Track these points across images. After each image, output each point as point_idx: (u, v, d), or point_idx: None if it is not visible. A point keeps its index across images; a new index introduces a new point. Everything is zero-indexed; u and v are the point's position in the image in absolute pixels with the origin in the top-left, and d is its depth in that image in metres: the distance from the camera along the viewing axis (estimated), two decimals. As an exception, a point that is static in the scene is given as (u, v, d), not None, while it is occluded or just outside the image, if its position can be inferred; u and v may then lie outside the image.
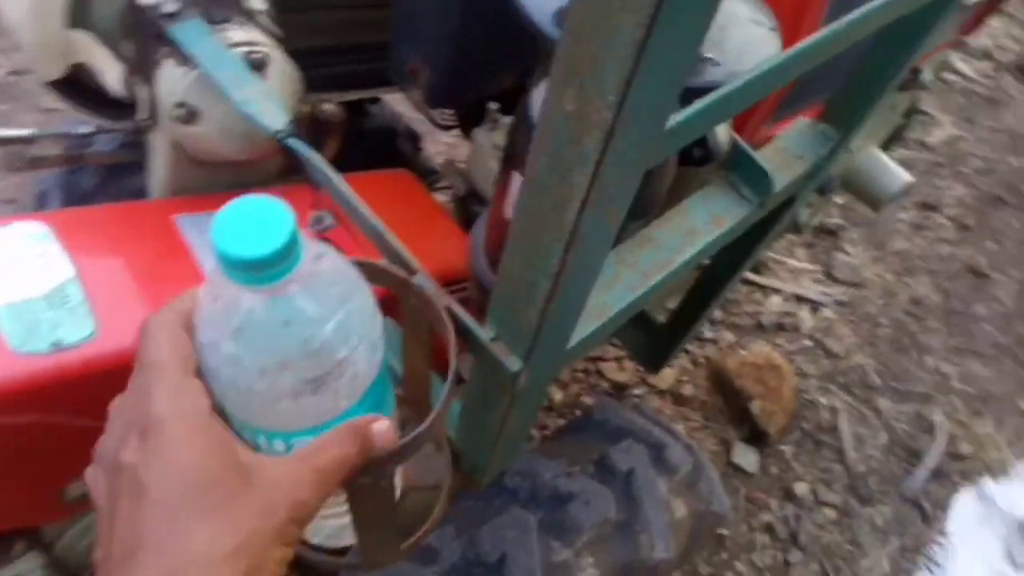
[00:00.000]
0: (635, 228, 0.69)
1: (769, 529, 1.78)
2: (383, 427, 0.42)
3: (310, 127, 0.97)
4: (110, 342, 0.69)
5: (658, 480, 0.97)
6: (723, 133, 0.76)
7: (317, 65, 1.11)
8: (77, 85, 0.89)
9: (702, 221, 0.70)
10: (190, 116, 0.78)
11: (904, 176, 1.38)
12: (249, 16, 0.83)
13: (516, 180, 0.68)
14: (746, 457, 1.89)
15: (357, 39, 1.19)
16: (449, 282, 0.97)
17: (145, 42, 0.79)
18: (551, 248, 0.42)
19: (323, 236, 0.75)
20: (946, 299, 2.42)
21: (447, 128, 1.06)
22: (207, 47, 0.74)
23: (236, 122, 0.79)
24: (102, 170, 1.04)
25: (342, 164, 0.71)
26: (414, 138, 1.48)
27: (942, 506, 1.86)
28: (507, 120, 1.03)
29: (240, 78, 0.72)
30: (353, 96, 1.21)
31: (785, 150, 0.79)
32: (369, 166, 1.13)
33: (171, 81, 0.77)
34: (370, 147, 1.35)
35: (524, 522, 0.84)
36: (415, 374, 0.67)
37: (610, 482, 0.94)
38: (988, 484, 1.88)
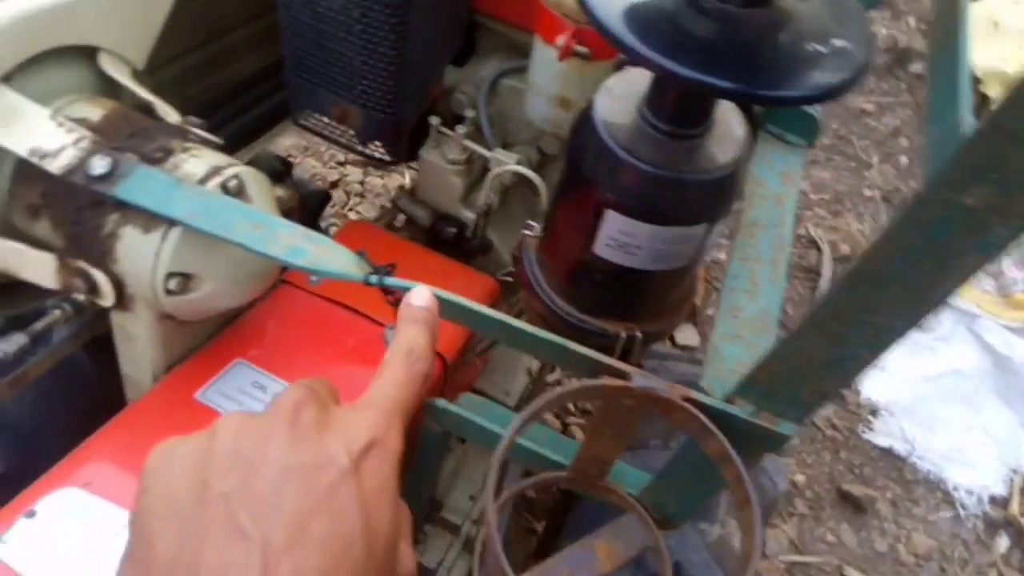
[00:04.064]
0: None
1: (734, 389, 1.92)
2: (417, 299, 0.41)
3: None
4: None
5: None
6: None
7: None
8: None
9: (778, 184, 0.69)
10: (185, 284, 0.63)
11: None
12: (183, 134, 0.67)
13: (613, 218, 0.62)
14: (686, 334, 2.01)
15: (225, 87, 1.02)
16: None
17: (80, 216, 0.62)
18: (892, 326, 0.39)
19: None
20: (769, 123, 2.64)
21: (386, 162, 0.95)
22: (180, 199, 0.59)
23: (243, 268, 0.65)
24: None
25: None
26: (287, 166, 1.32)
27: (852, 306, 2.10)
28: (459, 132, 0.94)
29: (246, 222, 0.59)
30: (253, 150, 1.05)
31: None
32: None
33: (145, 253, 0.61)
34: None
35: (675, 523, 0.84)
36: (597, 457, 0.62)
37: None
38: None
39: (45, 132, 0.60)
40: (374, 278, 0.54)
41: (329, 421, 0.33)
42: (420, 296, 0.41)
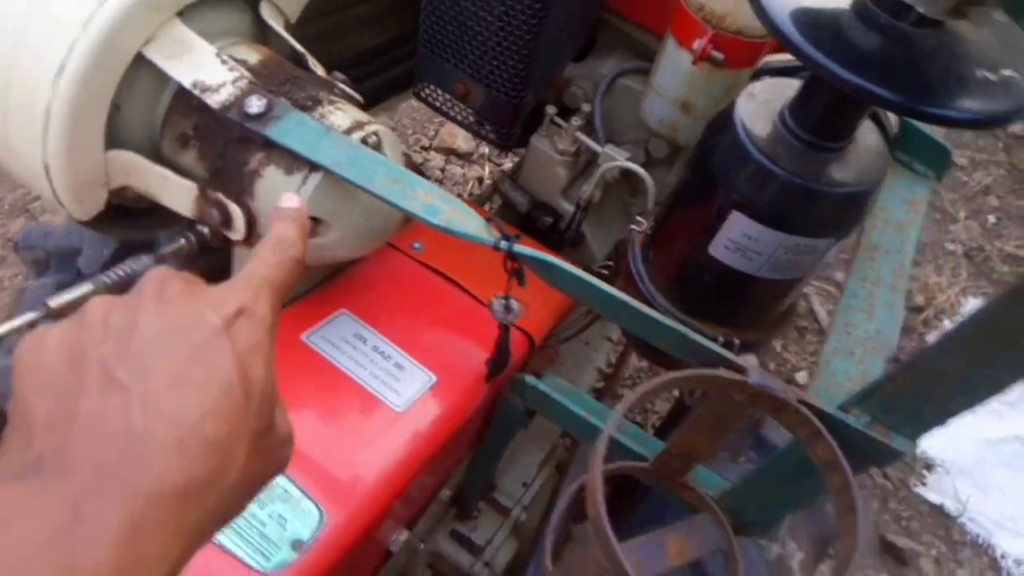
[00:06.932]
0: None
1: (787, 422, 1.90)
2: (287, 202, 0.45)
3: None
4: (342, 515, 0.60)
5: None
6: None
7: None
8: (118, 210, 0.72)
9: (902, 211, 0.69)
10: (314, 229, 0.65)
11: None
12: (330, 87, 0.69)
13: (738, 220, 0.63)
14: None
15: (340, 58, 1.05)
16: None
17: (226, 150, 0.65)
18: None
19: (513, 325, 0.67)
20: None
21: (500, 145, 0.97)
22: (326, 145, 0.62)
23: (369, 222, 0.68)
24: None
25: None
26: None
27: (920, 357, 2.05)
28: (573, 124, 0.95)
29: (387, 176, 0.61)
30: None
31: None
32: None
33: (283, 193, 0.63)
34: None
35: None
36: (686, 453, 0.63)
37: (776, 463, 0.95)
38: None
39: (209, 68, 0.64)
40: (504, 244, 0.56)
41: (196, 292, 0.34)
42: (290, 199, 0.46)
